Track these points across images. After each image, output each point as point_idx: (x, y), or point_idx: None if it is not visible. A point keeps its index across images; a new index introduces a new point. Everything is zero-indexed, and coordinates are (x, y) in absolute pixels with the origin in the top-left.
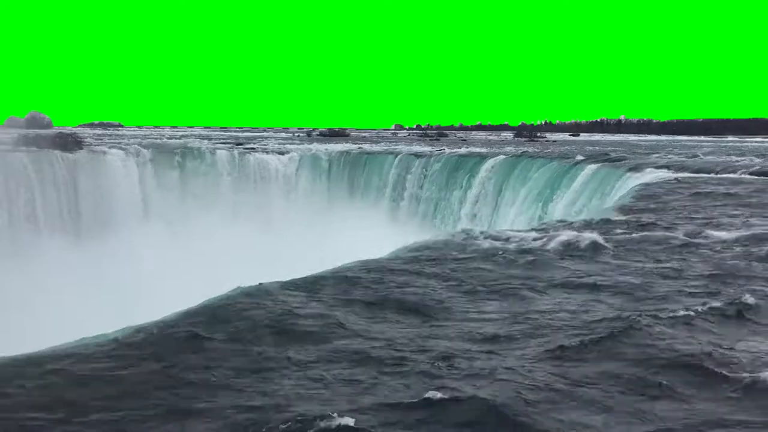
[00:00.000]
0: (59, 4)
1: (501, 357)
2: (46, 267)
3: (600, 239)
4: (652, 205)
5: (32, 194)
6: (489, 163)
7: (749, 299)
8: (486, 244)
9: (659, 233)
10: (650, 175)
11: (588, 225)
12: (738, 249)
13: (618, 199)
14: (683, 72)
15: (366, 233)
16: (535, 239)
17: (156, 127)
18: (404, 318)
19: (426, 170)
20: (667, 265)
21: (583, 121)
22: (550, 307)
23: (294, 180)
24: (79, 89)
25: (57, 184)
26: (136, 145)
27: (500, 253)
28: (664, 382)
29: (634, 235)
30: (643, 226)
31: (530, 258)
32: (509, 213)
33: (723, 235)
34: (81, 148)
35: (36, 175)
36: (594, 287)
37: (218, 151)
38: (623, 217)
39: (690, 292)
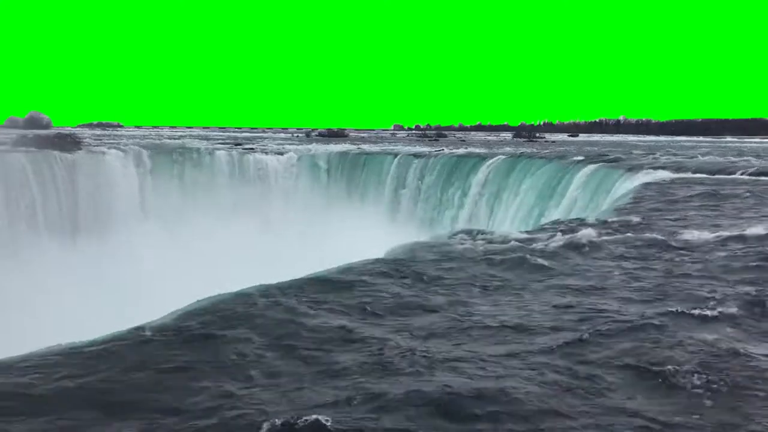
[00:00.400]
0: (59, 4)
1: (445, 355)
2: (45, 267)
3: (576, 242)
4: (642, 208)
5: (31, 195)
6: (481, 174)
7: (718, 302)
8: (464, 245)
9: (633, 235)
10: (646, 177)
11: (568, 228)
12: (723, 250)
13: (609, 204)
14: (682, 72)
15: (365, 233)
16: (514, 241)
17: (155, 127)
18: (359, 320)
19: (421, 183)
20: (634, 266)
21: (583, 121)
22: (504, 307)
23: (293, 180)
24: (78, 89)
25: (56, 185)
26: (135, 146)
27: (477, 254)
28: (612, 382)
29: (613, 237)
30: (626, 229)
31: (499, 259)
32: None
33: (709, 236)
34: (80, 149)
35: (35, 176)
36: (558, 289)
37: (217, 152)
38: (608, 221)
39: (656, 295)
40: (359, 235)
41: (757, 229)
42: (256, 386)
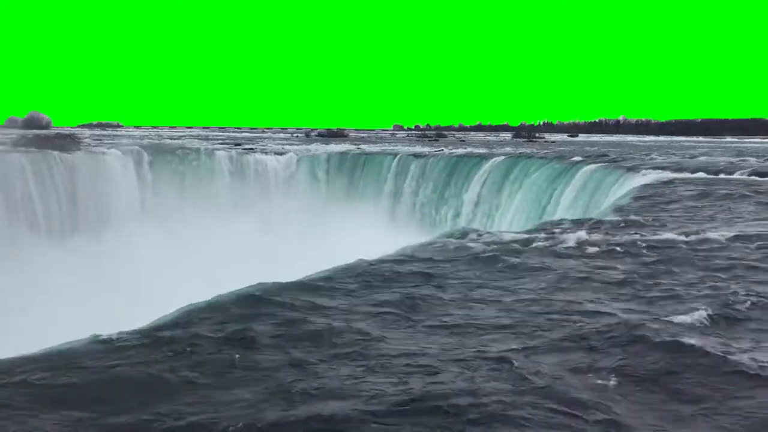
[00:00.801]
0: (59, 4)
1: (381, 357)
2: (45, 267)
3: (554, 244)
4: (627, 211)
5: (31, 195)
6: (473, 192)
7: (683, 303)
8: (452, 246)
9: (611, 237)
10: (643, 178)
11: (551, 230)
12: (699, 251)
13: (603, 208)
14: (682, 72)
15: (365, 233)
16: (488, 243)
17: (154, 127)
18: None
19: (416, 197)
20: (602, 266)
21: (582, 121)
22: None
23: (293, 181)
24: (78, 89)
25: (56, 185)
26: (134, 146)
27: (456, 255)
28: (551, 377)
29: (591, 239)
30: (607, 231)
31: (468, 258)
32: None
33: (687, 238)
34: (79, 149)
35: (34, 176)
36: (520, 288)
37: (217, 152)
38: (592, 223)
39: (618, 295)
40: (359, 235)
41: (732, 231)
42: (186, 387)
